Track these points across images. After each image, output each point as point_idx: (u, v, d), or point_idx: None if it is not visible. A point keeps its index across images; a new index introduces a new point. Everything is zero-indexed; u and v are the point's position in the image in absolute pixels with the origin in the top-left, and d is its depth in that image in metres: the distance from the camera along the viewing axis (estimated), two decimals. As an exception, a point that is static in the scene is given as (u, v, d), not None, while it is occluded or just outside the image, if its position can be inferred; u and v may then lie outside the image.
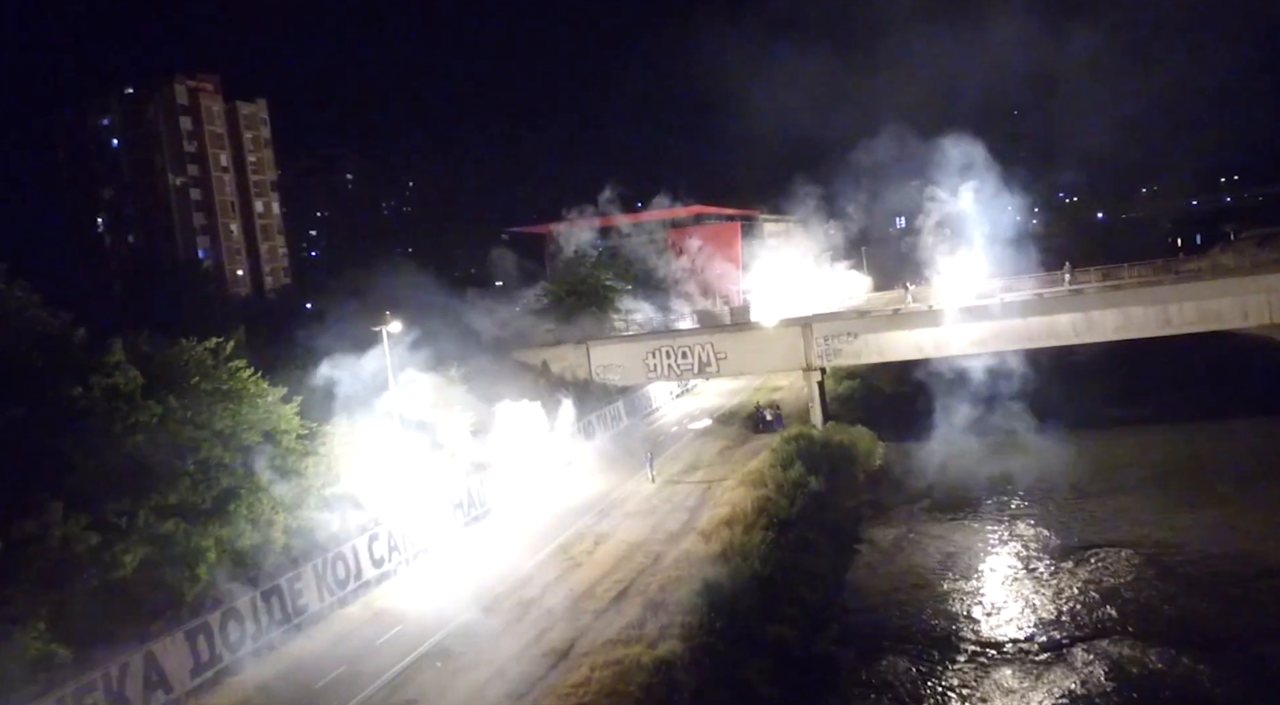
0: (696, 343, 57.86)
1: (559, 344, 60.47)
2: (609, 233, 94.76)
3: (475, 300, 71.98)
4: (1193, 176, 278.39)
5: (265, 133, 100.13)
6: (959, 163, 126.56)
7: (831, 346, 55.75)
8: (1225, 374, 55.62)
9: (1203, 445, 48.61)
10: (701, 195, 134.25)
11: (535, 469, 46.75)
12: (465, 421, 44.80)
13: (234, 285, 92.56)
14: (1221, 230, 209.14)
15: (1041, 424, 52.09)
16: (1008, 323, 53.18)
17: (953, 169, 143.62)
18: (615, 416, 57.69)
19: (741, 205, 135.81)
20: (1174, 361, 56.48)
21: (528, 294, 69.16)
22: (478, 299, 72.98)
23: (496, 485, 43.25)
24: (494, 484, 43.12)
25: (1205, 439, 49.53)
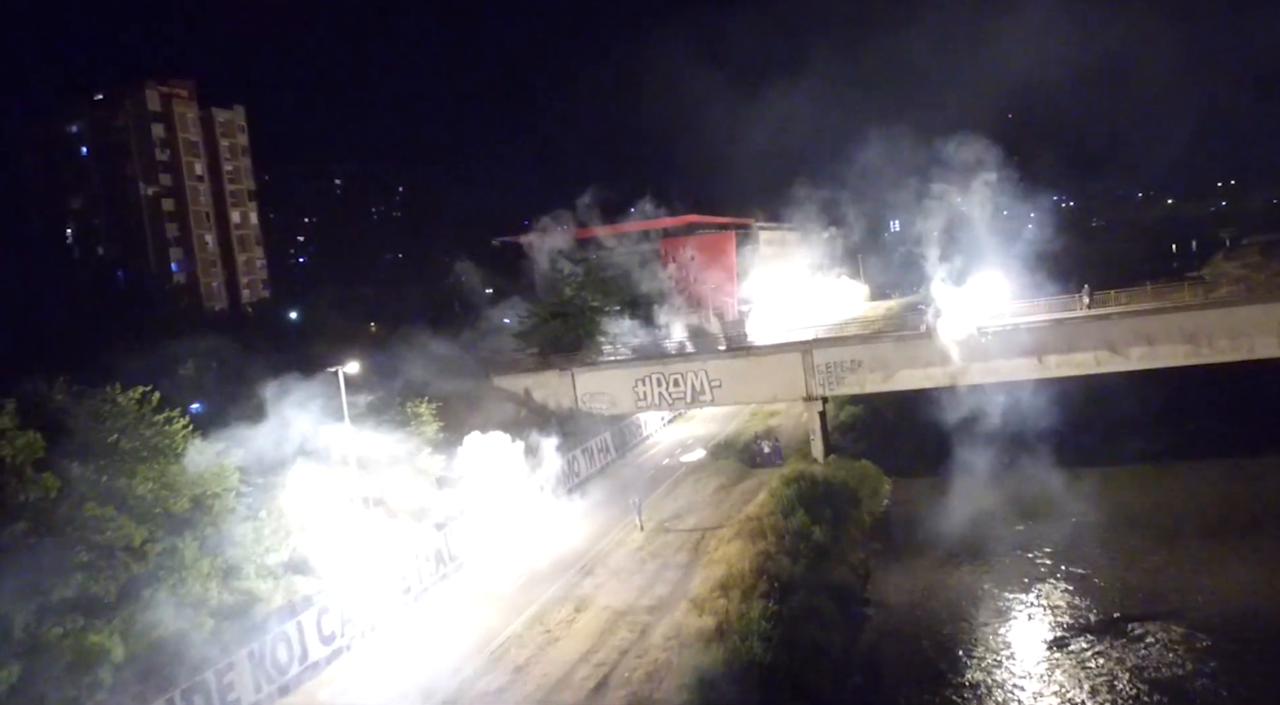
0: (689, 370, 53.57)
1: (542, 370, 56.15)
2: (596, 243, 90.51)
3: (459, 316, 67.77)
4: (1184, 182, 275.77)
5: (243, 140, 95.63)
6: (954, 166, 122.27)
7: (834, 375, 51.54)
8: (1262, 405, 51.22)
9: (1236, 487, 44.51)
10: (693, 203, 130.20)
11: (514, 514, 42.41)
12: (433, 467, 40.47)
13: (209, 299, 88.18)
14: (1218, 236, 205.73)
15: (1059, 456, 48.08)
16: (1023, 351, 48.99)
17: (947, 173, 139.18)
18: (603, 449, 53.35)
19: (735, 212, 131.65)
20: (1205, 390, 52.22)
21: (516, 309, 64.80)
22: (462, 314, 68.79)
23: (469, 536, 38.90)
24: (466, 535, 38.76)
25: (1238, 478, 45.44)
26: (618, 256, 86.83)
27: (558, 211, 73.45)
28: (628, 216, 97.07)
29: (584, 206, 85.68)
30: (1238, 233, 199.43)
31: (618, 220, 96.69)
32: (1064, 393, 51.10)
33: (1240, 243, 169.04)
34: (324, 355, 63.45)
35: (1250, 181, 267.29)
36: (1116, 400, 51.05)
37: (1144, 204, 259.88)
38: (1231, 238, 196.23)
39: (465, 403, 53.90)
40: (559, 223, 72.00)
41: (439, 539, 36.82)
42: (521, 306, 62.95)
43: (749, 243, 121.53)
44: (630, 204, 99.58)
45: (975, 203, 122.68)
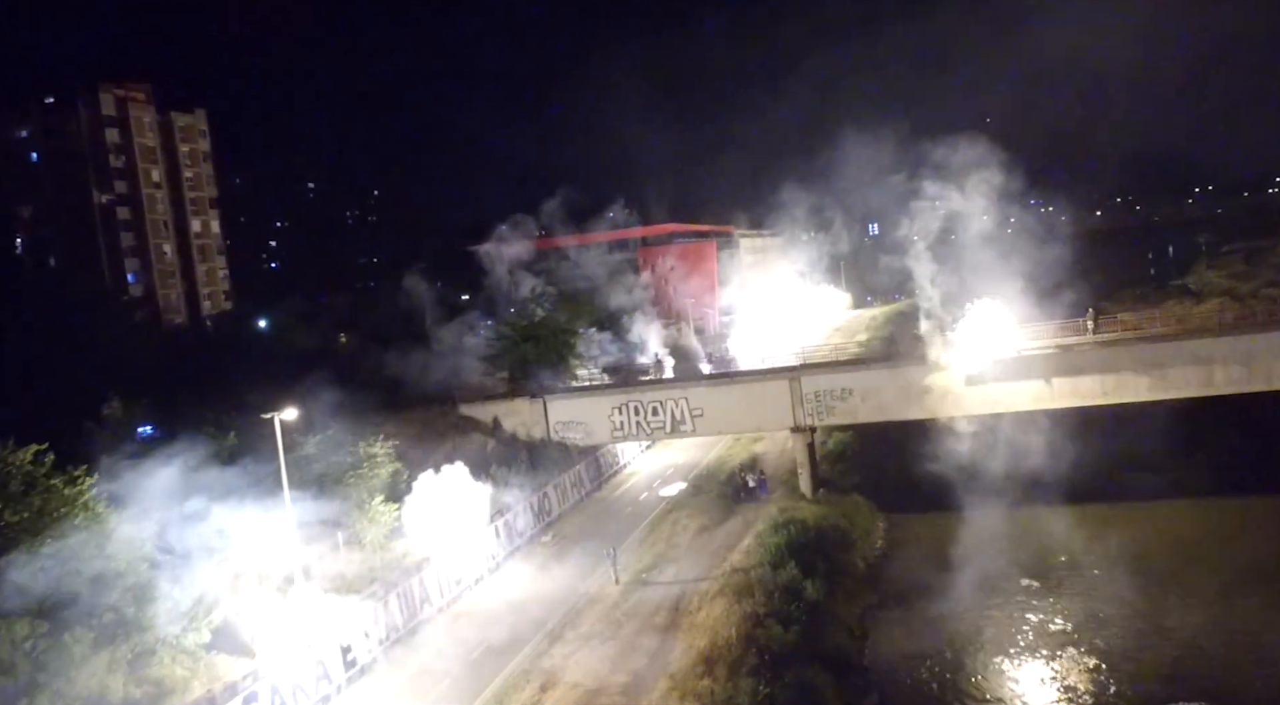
0: (669, 398, 49.64)
1: (513, 397, 52.03)
2: (564, 253, 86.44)
3: (428, 331, 63.42)
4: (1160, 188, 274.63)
5: (204, 146, 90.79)
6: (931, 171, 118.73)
7: (823, 404, 47.75)
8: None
9: (1252, 526, 41.14)
10: (671, 209, 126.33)
11: (475, 567, 38.37)
12: (386, 518, 36.33)
13: (167, 311, 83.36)
14: (1195, 242, 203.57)
15: (1063, 491, 44.60)
16: (1026, 380, 45.38)
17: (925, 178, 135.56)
18: (576, 483, 49.34)
19: (715, 219, 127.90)
20: (1218, 421, 48.72)
21: (483, 327, 60.55)
22: (431, 329, 64.44)
23: (423, 597, 34.78)
24: (420, 596, 34.63)
25: (1255, 516, 42.07)
26: (590, 267, 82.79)
27: (519, 218, 68.74)
28: (600, 224, 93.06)
29: (553, 213, 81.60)
30: (1214, 239, 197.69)
31: (590, 228, 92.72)
32: (1068, 423, 47.53)
33: (1221, 250, 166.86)
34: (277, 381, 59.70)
35: (1224, 187, 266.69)
36: (1125, 432, 47.57)
37: (1120, 209, 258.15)
38: (1208, 243, 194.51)
39: (430, 433, 49.86)
40: (522, 231, 67.79)
41: (386, 605, 32.60)
42: (485, 324, 58.69)
43: (730, 251, 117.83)
44: (605, 210, 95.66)
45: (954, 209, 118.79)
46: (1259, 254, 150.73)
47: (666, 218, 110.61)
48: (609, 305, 70.61)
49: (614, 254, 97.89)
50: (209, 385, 62.59)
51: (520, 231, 68.79)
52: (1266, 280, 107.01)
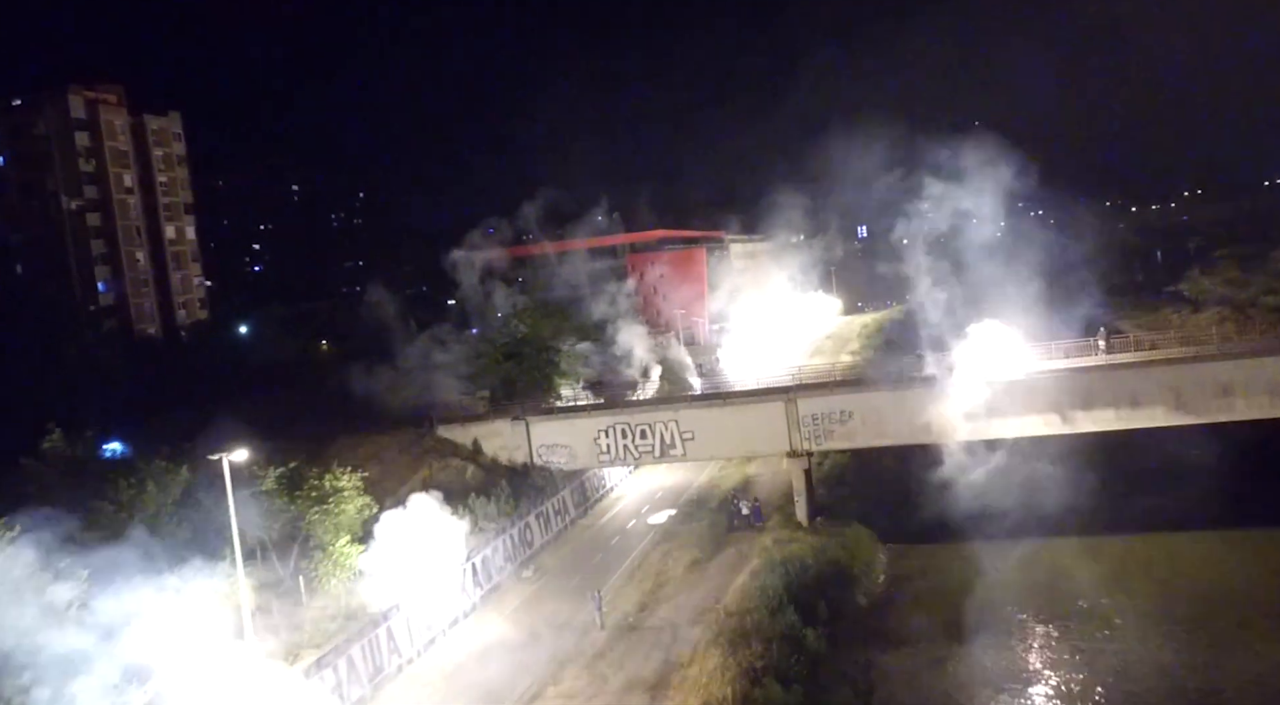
0: (658, 420, 46.71)
1: (494, 419, 49.02)
2: (547, 260, 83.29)
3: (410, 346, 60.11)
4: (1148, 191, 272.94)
5: (179, 149, 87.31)
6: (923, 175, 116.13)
7: (821, 427, 44.93)
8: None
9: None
10: (660, 214, 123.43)
11: (452, 606, 35.40)
12: (351, 561, 33.29)
13: (139, 321, 79.94)
14: (1184, 247, 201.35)
15: (1075, 520, 42.04)
16: (1035, 404, 42.67)
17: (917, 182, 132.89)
18: (560, 510, 46.39)
19: (705, 225, 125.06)
20: (1238, 447, 46.00)
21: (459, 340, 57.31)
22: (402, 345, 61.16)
23: (395, 642, 31.79)
24: (391, 642, 31.63)
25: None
26: (575, 275, 79.68)
27: (496, 222, 65.10)
28: (586, 230, 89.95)
29: (537, 218, 78.26)
30: (1205, 243, 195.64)
31: (576, 234, 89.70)
32: (1081, 449, 44.85)
33: (1213, 255, 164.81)
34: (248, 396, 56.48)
35: (1213, 192, 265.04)
36: (1140, 458, 44.87)
37: (1109, 214, 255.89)
38: (1199, 248, 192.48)
39: (405, 458, 46.87)
40: (502, 237, 64.57)
41: (349, 662, 29.54)
42: (468, 336, 55.49)
43: (720, 257, 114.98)
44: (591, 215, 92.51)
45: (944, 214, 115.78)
46: (1252, 259, 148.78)
47: (655, 223, 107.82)
48: (594, 315, 67.61)
49: (601, 261, 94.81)
50: (179, 399, 59.76)
51: (499, 238, 65.66)
52: (1264, 288, 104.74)
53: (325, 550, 33.33)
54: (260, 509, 34.45)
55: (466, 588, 36.77)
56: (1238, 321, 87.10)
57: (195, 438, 48.77)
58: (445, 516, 36.85)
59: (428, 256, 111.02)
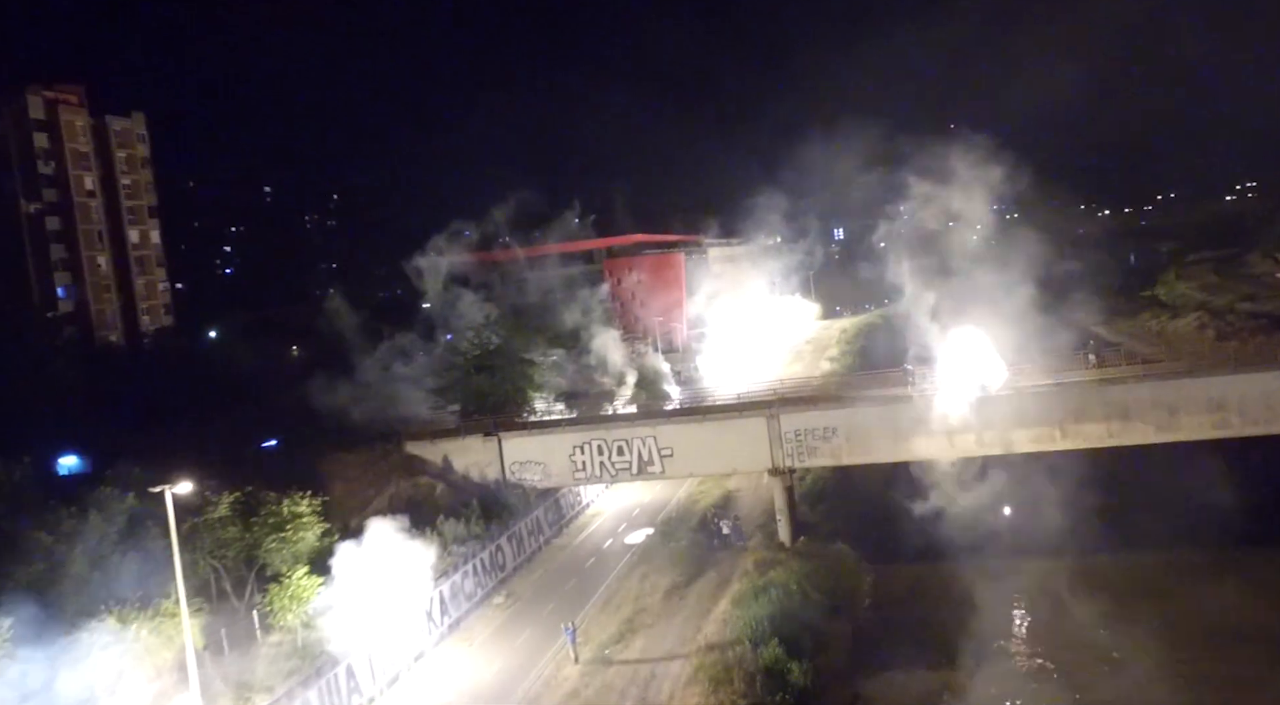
0: (636, 436, 44.81)
1: (464, 434, 46.92)
2: (530, 264, 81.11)
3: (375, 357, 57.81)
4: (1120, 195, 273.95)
5: (143, 151, 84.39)
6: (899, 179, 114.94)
7: (804, 444, 43.20)
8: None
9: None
10: (637, 217, 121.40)
11: (417, 640, 33.32)
12: (309, 593, 31.15)
13: (101, 328, 77.03)
14: (1157, 250, 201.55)
15: (1065, 541, 40.48)
16: (1024, 419, 41.11)
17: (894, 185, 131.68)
18: (534, 531, 44.36)
19: (683, 228, 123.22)
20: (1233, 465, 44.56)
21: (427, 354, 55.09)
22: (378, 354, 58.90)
23: (356, 681, 29.67)
24: (351, 681, 29.51)
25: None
26: (549, 280, 77.52)
27: (464, 225, 62.34)
28: (561, 233, 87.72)
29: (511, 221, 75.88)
30: (1178, 246, 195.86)
31: (550, 238, 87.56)
32: (1073, 465, 43.28)
33: (1187, 259, 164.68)
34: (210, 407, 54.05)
35: (1184, 195, 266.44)
36: (1136, 474, 43.36)
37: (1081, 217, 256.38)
38: (1172, 252, 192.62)
39: (371, 476, 44.72)
40: (469, 241, 62.04)
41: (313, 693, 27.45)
42: (441, 344, 53.19)
43: (699, 261, 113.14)
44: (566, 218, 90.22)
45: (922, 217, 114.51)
46: (1227, 264, 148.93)
47: (633, 227, 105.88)
48: (569, 322, 65.46)
49: (577, 266, 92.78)
50: (139, 411, 57.28)
51: (471, 242, 63.26)
52: (1242, 294, 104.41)
53: (281, 582, 31.16)
54: (213, 538, 32.34)
55: (433, 617, 34.71)
56: (1218, 328, 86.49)
57: (150, 456, 46.42)
58: (410, 542, 34.85)
59: (402, 259, 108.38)
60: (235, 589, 33.52)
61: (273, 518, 33.14)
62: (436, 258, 58.09)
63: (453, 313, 53.76)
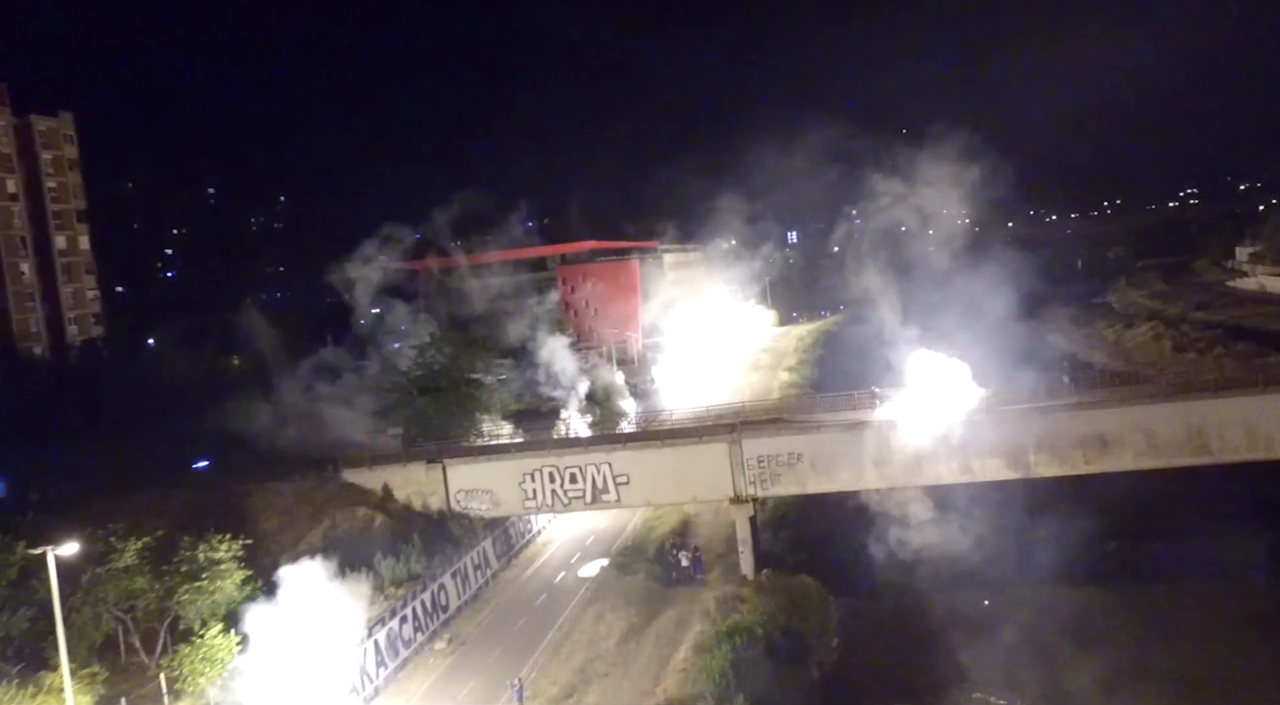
0: (589, 463, 41.88)
1: (407, 461, 43.60)
2: (477, 272, 77.57)
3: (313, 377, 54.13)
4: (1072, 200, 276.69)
5: (71, 152, 79.62)
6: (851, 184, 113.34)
7: (768, 470, 40.61)
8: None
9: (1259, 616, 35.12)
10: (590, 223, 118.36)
11: (344, 697, 30.06)
12: (224, 653, 27.77)
13: (23, 339, 72.32)
14: (1104, 256, 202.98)
15: (1044, 570, 38.44)
16: (997, 445, 38.90)
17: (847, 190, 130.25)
18: (480, 564, 41.21)
19: (638, 234, 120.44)
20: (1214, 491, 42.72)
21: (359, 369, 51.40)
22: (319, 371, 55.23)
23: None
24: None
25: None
26: (499, 290, 74.01)
27: (394, 232, 58.02)
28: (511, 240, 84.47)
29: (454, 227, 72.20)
30: (1125, 252, 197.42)
31: (500, 245, 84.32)
32: (1050, 490, 41.24)
33: (1136, 265, 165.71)
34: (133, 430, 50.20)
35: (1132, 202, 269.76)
36: (1106, 502, 41.34)
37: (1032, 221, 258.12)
38: (1120, 257, 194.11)
39: (305, 508, 41.27)
40: (415, 249, 58.07)
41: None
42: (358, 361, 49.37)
43: (654, 267, 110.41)
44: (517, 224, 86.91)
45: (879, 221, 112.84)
46: (1175, 271, 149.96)
47: (586, 233, 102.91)
48: (518, 334, 62.12)
49: (527, 274, 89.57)
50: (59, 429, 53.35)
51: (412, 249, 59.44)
52: (1194, 303, 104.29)
53: (193, 641, 27.76)
54: (117, 589, 28.87)
55: (367, 671, 31.48)
56: (1174, 338, 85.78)
57: (70, 478, 42.63)
58: (343, 586, 31.63)
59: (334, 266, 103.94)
60: (145, 644, 30.11)
61: (186, 565, 29.70)
62: (367, 267, 53.79)
63: (391, 327, 49.96)
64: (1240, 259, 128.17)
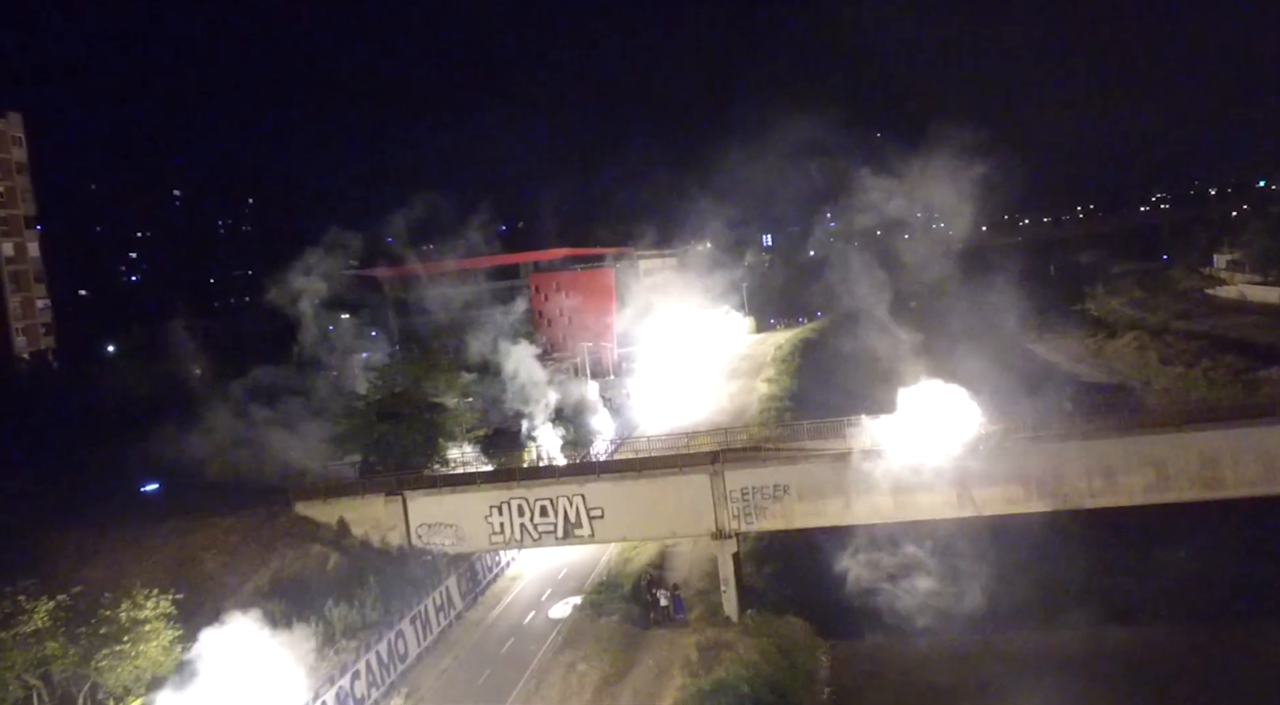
0: (562, 495, 38.71)
1: (364, 493, 40.22)
2: (445, 281, 74.20)
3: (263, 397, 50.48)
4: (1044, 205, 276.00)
5: (19, 155, 75.50)
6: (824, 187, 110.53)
7: (752, 504, 37.62)
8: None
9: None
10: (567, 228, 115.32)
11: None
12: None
13: (-33, 352, 68.48)
14: (1077, 261, 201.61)
15: (1050, 608, 35.93)
16: (997, 477, 36.13)
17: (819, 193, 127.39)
18: (443, 606, 37.89)
19: (612, 239, 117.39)
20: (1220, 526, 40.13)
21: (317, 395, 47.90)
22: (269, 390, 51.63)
23: None
24: None
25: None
26: (468, 298, 70.69)
27: (338, 236, 54.10)
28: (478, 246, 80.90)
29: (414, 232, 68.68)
30: (1097, 258, 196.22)
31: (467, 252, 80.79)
32: (1054, 524, 38.49)
33: (1111, 271, 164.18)
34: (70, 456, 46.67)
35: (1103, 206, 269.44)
36: (1115, 537, 38.71)
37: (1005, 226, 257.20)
38: (1092, 263, 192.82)
39: (252, 545, 37.84)
40: (356, 255, 54.49)
41: None
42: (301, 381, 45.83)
43: (630, 274, 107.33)
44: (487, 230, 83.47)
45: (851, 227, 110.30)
46: (1150, 277, 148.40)
47: (558, 240, 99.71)
48: (487, 349, 58.56)
49: (498, 282, 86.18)
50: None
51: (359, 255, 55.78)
52: (1175, 312, 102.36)
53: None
54: (24, 657, 25.40)
55: (311, 737, 28.16)
56: (1159, 350, 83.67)
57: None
58: (287, 640, 28.37)
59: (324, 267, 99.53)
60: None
61: (106, 626, 26.27)
62: (312, 277, 49.87)
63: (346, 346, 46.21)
64: (1218, 266, 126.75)
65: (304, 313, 46.83)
